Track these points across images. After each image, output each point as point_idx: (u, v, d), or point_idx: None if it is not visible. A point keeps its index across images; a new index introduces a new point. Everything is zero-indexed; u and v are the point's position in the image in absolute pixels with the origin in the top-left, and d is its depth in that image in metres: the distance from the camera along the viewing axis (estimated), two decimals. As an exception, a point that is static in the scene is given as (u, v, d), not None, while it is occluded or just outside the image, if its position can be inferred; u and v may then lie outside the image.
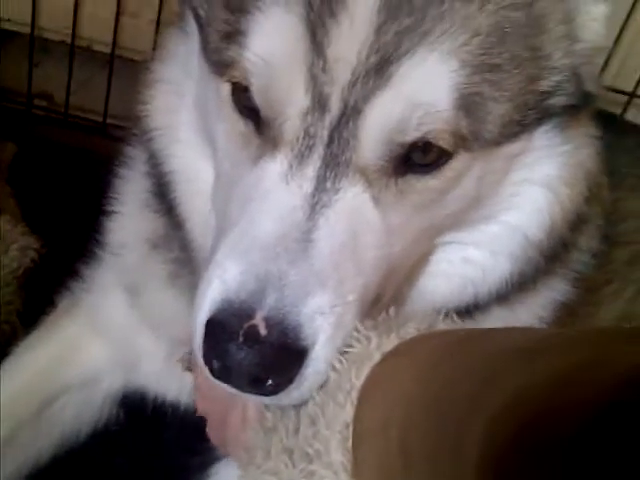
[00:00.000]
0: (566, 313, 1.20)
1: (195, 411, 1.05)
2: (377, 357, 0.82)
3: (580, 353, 0.65)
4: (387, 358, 0.82)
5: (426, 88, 0.82)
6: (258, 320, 0.80)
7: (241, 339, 0.80)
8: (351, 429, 0.80)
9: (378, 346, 0.83)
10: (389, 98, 0.82)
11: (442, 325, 0.88)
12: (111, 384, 1.41)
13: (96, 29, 2.05)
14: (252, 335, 0.80)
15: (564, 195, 1.01)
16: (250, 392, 0.84)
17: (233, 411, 0.95)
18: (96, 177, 1.35)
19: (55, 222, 1.82)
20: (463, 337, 0.82)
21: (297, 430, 0.84)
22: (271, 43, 0.83)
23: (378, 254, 0.88)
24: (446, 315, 0.91)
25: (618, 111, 1.94)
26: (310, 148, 0.84)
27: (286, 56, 0.82)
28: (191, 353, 1.00)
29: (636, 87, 1.96)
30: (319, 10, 0.81)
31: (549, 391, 0.61)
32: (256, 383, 0.82)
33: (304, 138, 0.84)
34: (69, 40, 2.06)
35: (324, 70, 0.81)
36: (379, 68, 0.81)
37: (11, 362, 1.37)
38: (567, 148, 0.99)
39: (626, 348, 0.61)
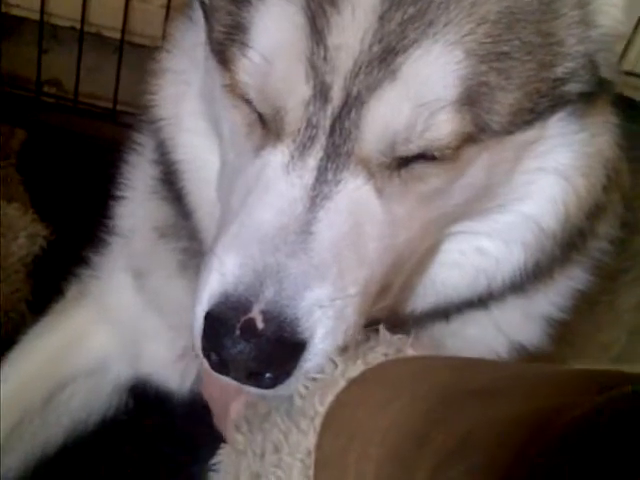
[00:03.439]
0: (585, 301, 1.19)
1: (202, 399, 1.05)
2: (342, 384, 0.81)
3: (542, 400, 0.64)
4: (351, 386, 0.81)
5: (430, 84, 0.80)
6: (255, 313, 0.80)
7: (238, 333, 0.79)
8: (313, 457, 0.79)
9: (343, 372, 0.82)
10: (394, 96, 0.80)
11: (410, 350, 0.86)
12: (119, 373, 1.40)
13: (106, 15, 2.04)
14: (249, 329, 0.79)
15: (580, 184, 0.98)
16: (249, 384, 0.84)
17: (234, 401, 0.95)
18: (105, 164, 1.34)
19: (64, 209, 1.82)
20: (424, 369, 0.81)
21: (263, 456, 0.83)
22: (271, 34, 0.82)
23: (381, 246, 0.86)
24: (415, 337, 0.89)
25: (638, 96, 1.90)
26: (312, 139, 0.83)
27: (286, 46, 0.81)
28: None
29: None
30: None
31: (504, 435, 0.61)
32: (254, 376, 0.82)
33: (306, 129, 0.83)
34: (78, 26, 2.05)
35: (325, 59, 0.80)
36: (383, 58, 0.79)
37: (19, 350, 1.36)
38: (583, 136, 0.97)
39: (590, 398, 0.60)
